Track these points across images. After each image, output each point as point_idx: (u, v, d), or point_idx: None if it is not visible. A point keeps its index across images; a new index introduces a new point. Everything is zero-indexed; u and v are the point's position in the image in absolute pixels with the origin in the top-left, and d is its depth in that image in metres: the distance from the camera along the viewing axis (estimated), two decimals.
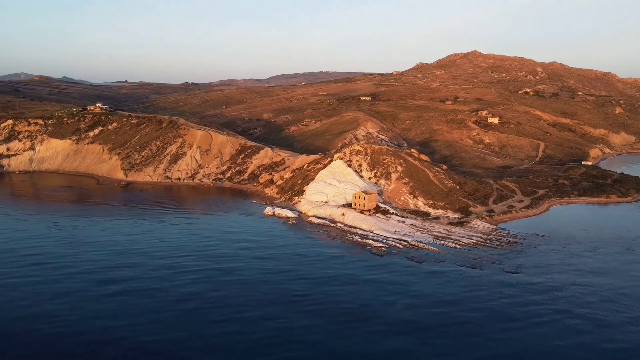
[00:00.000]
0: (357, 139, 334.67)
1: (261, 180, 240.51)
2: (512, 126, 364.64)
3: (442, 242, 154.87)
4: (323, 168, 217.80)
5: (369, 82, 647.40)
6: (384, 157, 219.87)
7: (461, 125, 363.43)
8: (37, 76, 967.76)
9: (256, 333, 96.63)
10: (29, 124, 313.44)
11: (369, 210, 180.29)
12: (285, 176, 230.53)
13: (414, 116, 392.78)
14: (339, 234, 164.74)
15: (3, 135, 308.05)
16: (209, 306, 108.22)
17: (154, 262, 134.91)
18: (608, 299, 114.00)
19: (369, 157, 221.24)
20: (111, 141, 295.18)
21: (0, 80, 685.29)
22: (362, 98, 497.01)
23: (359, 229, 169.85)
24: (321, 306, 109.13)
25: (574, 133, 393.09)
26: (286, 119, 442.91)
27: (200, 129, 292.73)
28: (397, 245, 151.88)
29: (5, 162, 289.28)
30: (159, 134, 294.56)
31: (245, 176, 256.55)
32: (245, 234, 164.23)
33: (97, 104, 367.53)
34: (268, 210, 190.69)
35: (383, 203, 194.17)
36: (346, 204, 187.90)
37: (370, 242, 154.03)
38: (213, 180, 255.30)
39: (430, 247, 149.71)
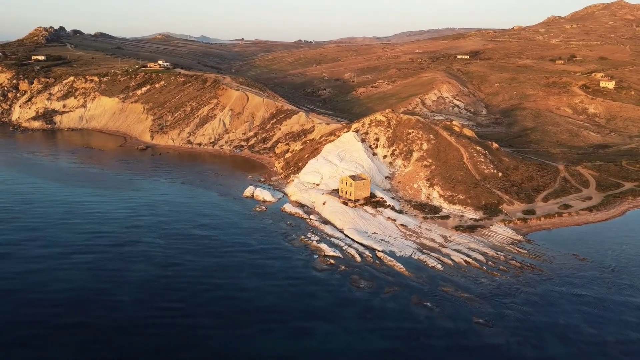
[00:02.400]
0: (424, 104, 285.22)
1: (277, 151, 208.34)
2: (633, 92, 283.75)
3: (425, 256, 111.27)
4: (333, 141, 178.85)
5: (480, 38, 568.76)
6: (410, 130, 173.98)
7: (563, 90, 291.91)
8: (160, 34, 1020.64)
9: None
10: (86, 81, 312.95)
11: (355, 201, 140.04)
12: (295, 148, 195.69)
13: (506, 78, 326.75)
14: (302, 230, 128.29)
15: (62, 91, 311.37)
16: None
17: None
18: None
19: (391, 130, 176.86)
20: (153, 100, 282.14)
21: (118, 39, 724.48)
22: (459, 56, 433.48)
23: (332, 225, 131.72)
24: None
25: None
26: (366, 79, 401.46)
27: (238, 90, 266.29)
28: (356, 256, 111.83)
29: (58, 118, 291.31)
30: (199, 94, 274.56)
31: (269, 144, 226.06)
32: (180, 218, 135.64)
33: (159, 61, 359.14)
34: (249, 190, 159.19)
35: (387, 191, 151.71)
36: (335, 190, 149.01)
37: (325, 247, 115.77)
38: (233, 147, 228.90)
39: (399, 264, 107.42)
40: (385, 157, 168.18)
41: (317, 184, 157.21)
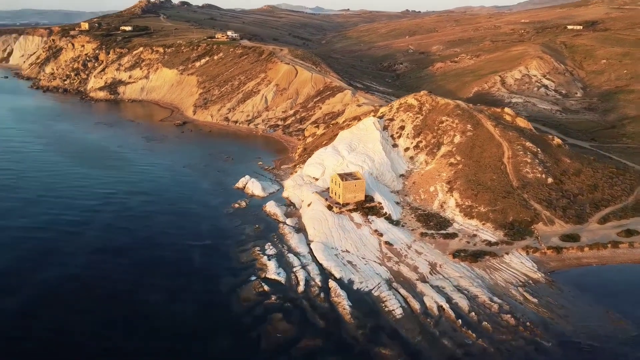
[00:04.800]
0: (504, 82, 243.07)
1: (306, 133, 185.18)
2: None
3: (390, 293, 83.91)
4: (350, 127, 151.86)
5: (605, 6, 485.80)
6: (444, 118, 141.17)
7: None
8: (266, 6, 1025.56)
9: None
10: (152, 52, 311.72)
11: (343, 205, 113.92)
12: (317, 132, 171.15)
13: (618, 53, 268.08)
14: (264, 239, 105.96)
15: (130, 62, 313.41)
16: None
17: None
18: None
19: (421, 117, 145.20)
20: (207, 73, 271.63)
21: (224, 10, 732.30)
22: (570, 27, 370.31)
23: (305, 234, 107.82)
24: None
25: None
26: (453, 52, 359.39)
27: (289, 63, 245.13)
28: (301, 284, 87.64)
29: (121, 89, 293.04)
30: (251, 67, 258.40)
31: (305, 125, 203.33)
32: (138, 212, 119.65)
33: (227, 32, 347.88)
34: (242, 181, 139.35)
35: (395, 193, 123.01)
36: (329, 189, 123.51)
37: (271, 267, 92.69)
38: (268, 127, 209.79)
39: (347, 303, 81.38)
40: (407, 149, 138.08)
41: (317, 179, 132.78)
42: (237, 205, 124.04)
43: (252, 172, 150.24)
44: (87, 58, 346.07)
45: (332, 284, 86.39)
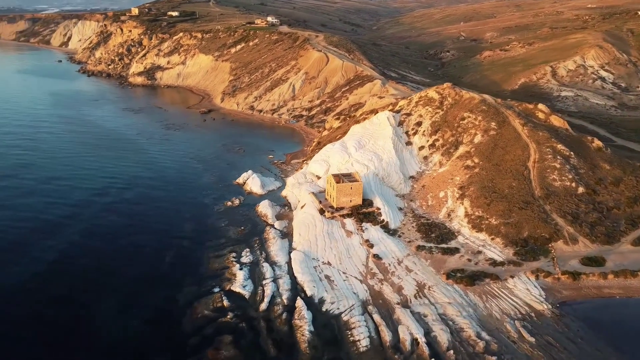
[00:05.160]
0: (555, 74, 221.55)
1: (326, 125, 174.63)
2: None
3: (362, 319, 73.26)
4: (365, 120, 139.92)
5: None
6: (466, 114, 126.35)
7: None
8: None
9: None
10: (191, 37, 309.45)
11: (336, 209, 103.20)
12: (333, 125, 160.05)
13: None
14: (245, 243, 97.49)
15: (170, 48, 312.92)
16: None
17: None
18: None
19: (441, 112, 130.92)
20: (241, 60, 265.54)
21: None
22: None
23: (290, 240, 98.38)
24: None
25: None
26: (506, 39, 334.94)
27: (321, 50, 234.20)
28: (264, 300, 78.44)
29: (158, 75, 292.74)
30: (283, 54, 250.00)
31: (329, 116, 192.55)
32: (126, 209, 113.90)
33: (268, 18, 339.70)
34: (243, 176, 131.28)
35: (400, 197, 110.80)
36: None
37: (240, 278, 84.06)
38: (292, 117, 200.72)
39: (308, 329, 71.43)
40: (421, 148, 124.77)
41: (319, 177, 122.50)
42: (229, 203, 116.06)
43: (260, 166, 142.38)
44: (132, 43, 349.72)
45: (299, 302, 76.47)
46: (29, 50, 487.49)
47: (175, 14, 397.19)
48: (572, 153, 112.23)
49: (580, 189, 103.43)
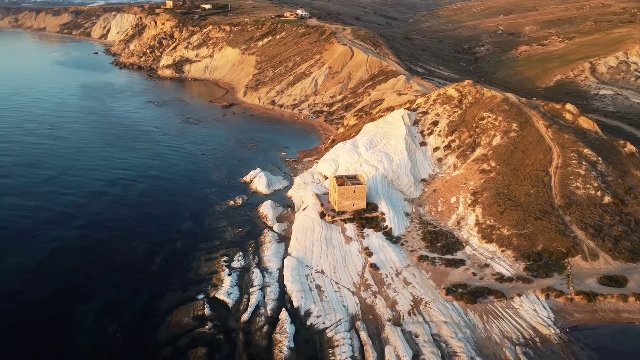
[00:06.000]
0: (594, 70, 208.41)
1: (345, 122, 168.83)
2: None
3: (347, 335, 68.11)
4: (380, 118, 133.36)
5: None
6: (486, 114, 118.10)
7: None
8: None
9: None
10: (219, 30, 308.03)
11: (338, 213, 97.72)
12: (349, 123, 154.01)
13: None
14: (240, 245, 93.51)
15: (199, 40, 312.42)
16: None
17: None
18: None
19: (460, 111, 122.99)
20: (267, 53, 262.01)
21: None
22: None
23: (286, 244, 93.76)
24: None
25: None
26: (547, 33, 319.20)
27: (346, 44, 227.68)
28: (247, 311, 74.11)
29: (186, 68, 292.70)
30: (309, 48, 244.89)
31: (350, 112, 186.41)
32: (133, 202, 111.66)
33: (297, 10, 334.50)
34: (250, 175, 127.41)
35: (409, 201, 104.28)
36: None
37: (226, 284, 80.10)
38: (312, 113, 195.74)
39: (287, 345, 66.86)
40: (436, 149, 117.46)
41: (326, 178, 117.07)
42: (232, 202, 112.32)
43: (270, 163, 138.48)
44: (164, 36, 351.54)
45: (282, 315, 71.73)
46: (71, 42, 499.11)
47: (208, 6, 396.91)
48: (599, 158, 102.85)
49: (607, 199, 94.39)
